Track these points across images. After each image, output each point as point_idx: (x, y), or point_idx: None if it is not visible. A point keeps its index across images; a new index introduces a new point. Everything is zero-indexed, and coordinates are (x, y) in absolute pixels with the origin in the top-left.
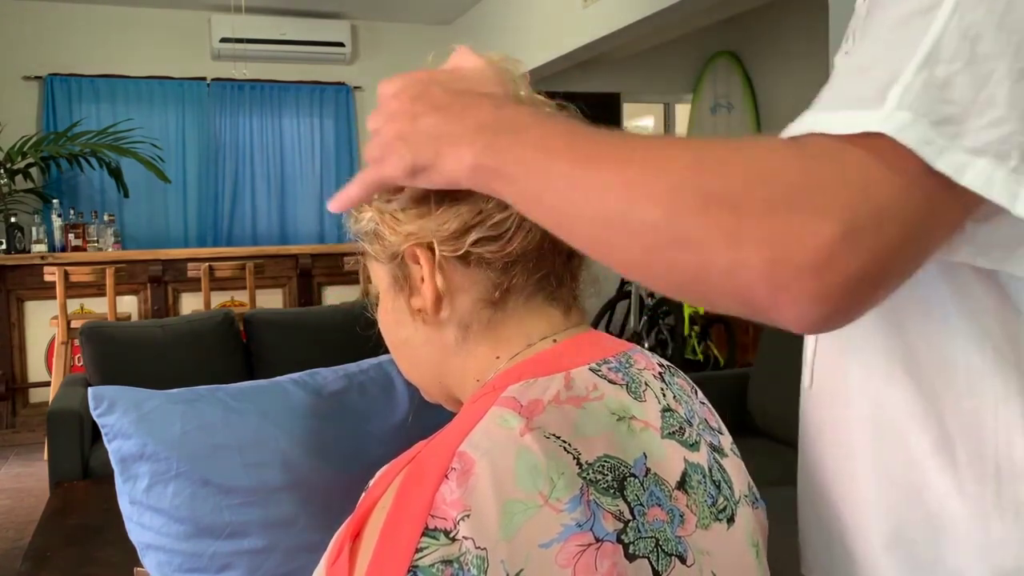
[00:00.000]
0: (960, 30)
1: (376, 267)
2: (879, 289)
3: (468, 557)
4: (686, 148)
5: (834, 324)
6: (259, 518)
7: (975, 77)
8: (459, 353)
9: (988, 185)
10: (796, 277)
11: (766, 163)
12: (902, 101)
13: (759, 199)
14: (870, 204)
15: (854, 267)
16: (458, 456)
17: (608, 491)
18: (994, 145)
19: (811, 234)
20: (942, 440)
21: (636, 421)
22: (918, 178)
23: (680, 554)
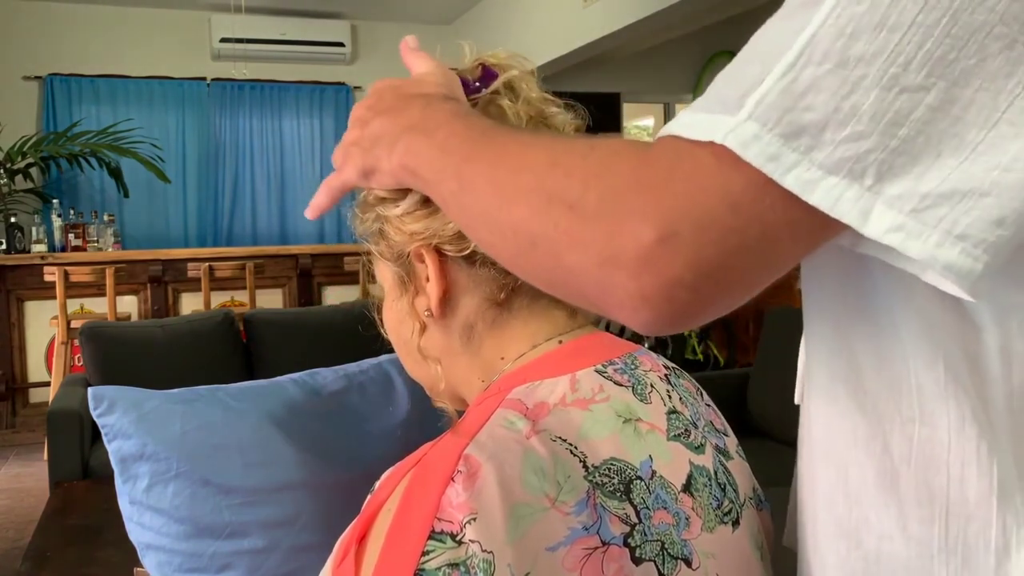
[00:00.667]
0: (837, 27)
1: (381, 265)
2: (705, 297)
3: (475, 560)
4: (548, 148)
5: (664, 328)
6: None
7: (842, 83)
8: (464, 353)
9: (834, 205)
10: (620, 279)
11: (608, 164)
12: (755, 110)
13: (594, 200)
14: (694, 211)
15: (670, 272)
16: (464, 459)
17: (614, 494)
18: (848, 163)
19: (632, 236)
20: (885, 471)
21: (642, 423)
22: (759, 188)
23: (686, 557)
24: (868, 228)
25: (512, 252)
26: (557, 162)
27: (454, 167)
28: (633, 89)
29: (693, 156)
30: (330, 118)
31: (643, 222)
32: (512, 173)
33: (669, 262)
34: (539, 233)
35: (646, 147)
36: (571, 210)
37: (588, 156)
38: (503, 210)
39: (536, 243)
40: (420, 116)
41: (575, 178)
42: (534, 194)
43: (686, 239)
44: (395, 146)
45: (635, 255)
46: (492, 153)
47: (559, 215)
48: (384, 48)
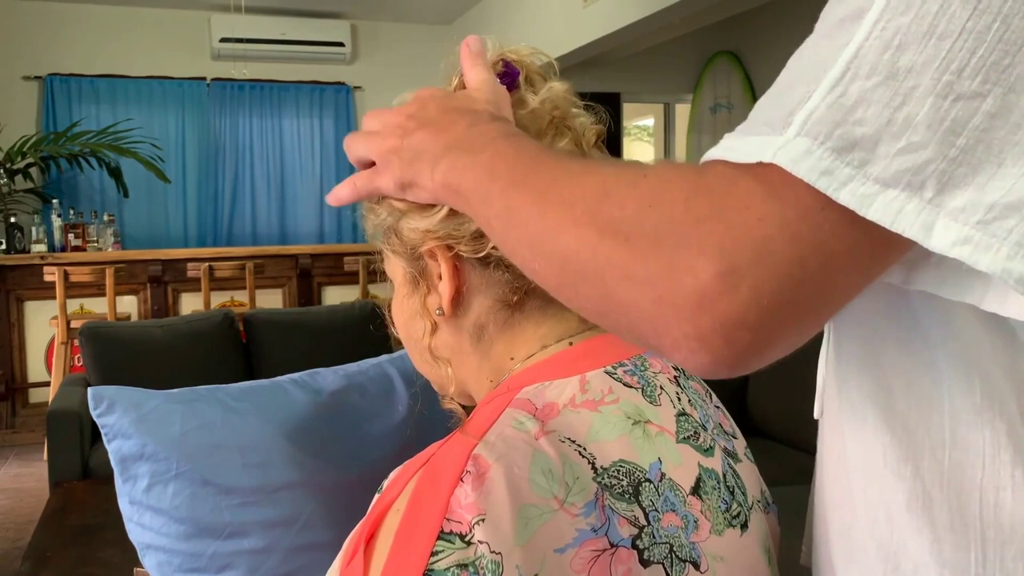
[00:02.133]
0: (883, 40)
1: (392, 261)
2: (767, 337)
3: (483, 561)
4: (599, 176)
5: (721, 372)
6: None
7: (894, 94)
8: (474, 353)
9: (895, 219)
10: (675, 319)
11: (660, 194)
12: (804, 126)
13: (647, 232)
14: (751, 242)
15: (730, 311)
16: (473, 459)
17: (623, 496)
18: (906, 175)
19: (688, 272)
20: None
21: (651, 425)
22: (816, 213)
23: (694, 560)
24: (932, 241)
25: (559, 282)
26: (608, 192)
27: (500, 191)
28: (633, 89)
29: (744, 182)
30: (330, 118)
31: (699, 256)
32: (562, 202)
33: (728, 300)
34: (589, 265)
35: (697, 174)
36: (623, 243)
37: (638, 185)
38: (552, 240)
39: (586, 275)
40: (465, 134)
41: (627, 209)
42: (585, 225)
43: (745, 274)
44: (438, 163)
45: (691, 293)
46: (541, 180)
47: (611, 248)
48: (384, 48)
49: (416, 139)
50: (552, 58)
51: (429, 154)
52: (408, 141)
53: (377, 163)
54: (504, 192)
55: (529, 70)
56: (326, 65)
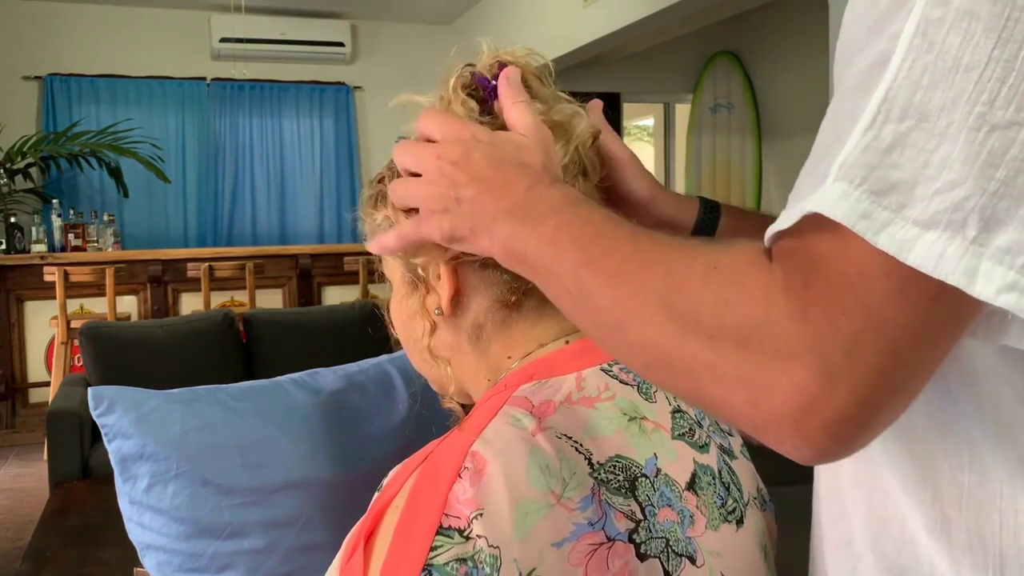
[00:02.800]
0: (911, 80)
1: (391, 262)
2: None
3: (482, 555)
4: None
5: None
6: (259, 518)
7: (928, 134)
8: (472, 353)
9: (936, 264)
10: (776, 422)
11: (734, 291)
12: (840, 171)
13: (731, 334)
14: (839, 339)
15: (832, 412)
16: (471, 455)
17: (619, 491)
18: (945, 214)
19: (782, 374)
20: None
21: (647, 422)
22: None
23: (690, 555)
24: (977, 288)
25: (643, 367)
26: (681, 286)
27: (569, 270)
28: (633, 89)
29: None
30: (330, 118)
31: (790, 359)
32: (636, 292)
33: (828, 402)
34: (676, 359)
35: (765, 260)
36: (708, 341)
37: (710, 280)
38: (632, 330)
39: (673, 368)
40: (525, 199)
41: (705, 307)
42: (665, 320)
43: (841, 373)
44: (497, 228)
45: (789, 397)
46: (610, 263)
47: (695, 346)
48: (384, 48)
49: (469, 196)
50: (548, 60)
51: (486, 216)
52: (460, 196)
53: (422, 210)
54: (573, 272)
55: (524, 71)
56: (326, 65)
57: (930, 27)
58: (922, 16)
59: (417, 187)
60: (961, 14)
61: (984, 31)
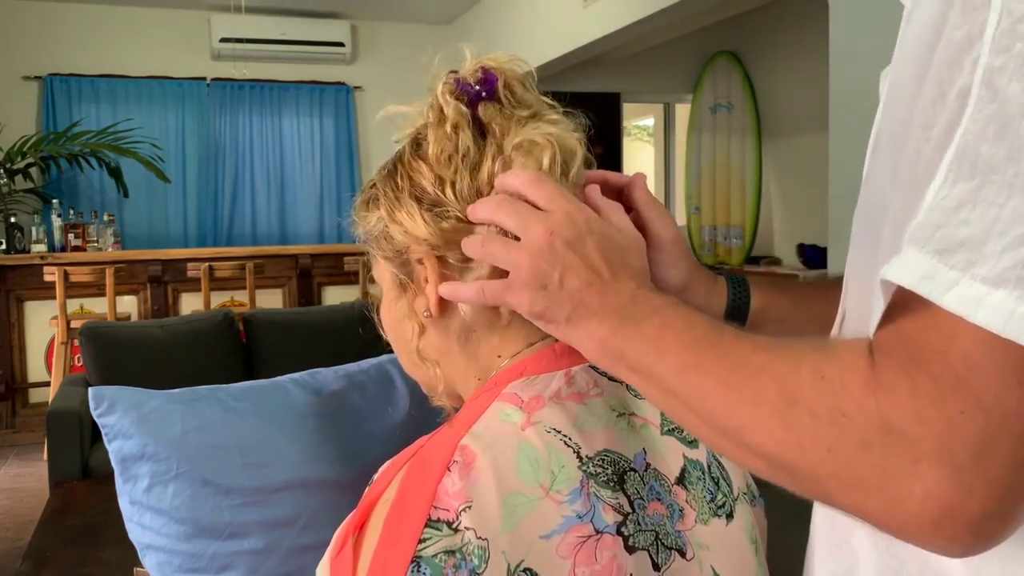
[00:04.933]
0: (977, 132)
1: (381, 265)
2: (1014, 514)
3: (470, 547)
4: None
5: (974, 554)
6: (259, 518)
7: (997, 187)
8: (461, 353)
9: (1006, 322)
10: (916, 526)
11: (845, 402)
12: (911, 236)
13: (853, 444)
14: (964, 441)
15: (972, 513)
16: (460, 449)
17: (608, 484)
18: (1016, 269)
19: (913, 482)
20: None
21: (636, 418)
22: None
23: (680, 548)
24: None
25: (766, 473)
26: (793, 398)
27: (674, 370)
28: (633, 89)
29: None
30: (330, 118)
31: (919, 468)
32: (748, 401)
33: (966, 503)
34: (799, 469)
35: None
36: (828, 455)
37: (820, 389)
38: (748, 438)
39: (797, 476)
40: (631, 300)
41: (820, 419)
42: (782, 431)
43: (972, 474)
44: (593, 324)
45: (924, 504)
46: (719, 369)
47: (817, 458)
48: (384, 48)
49: (573, 285)
50: (532, 67)
51: (587, 310)
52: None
53: (515, 278)
54: (680, 374)
55: (507, 77)
56: (326, 65)
57: (994, 76)
58: (986, 66)
59: (519, 253)
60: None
61: None
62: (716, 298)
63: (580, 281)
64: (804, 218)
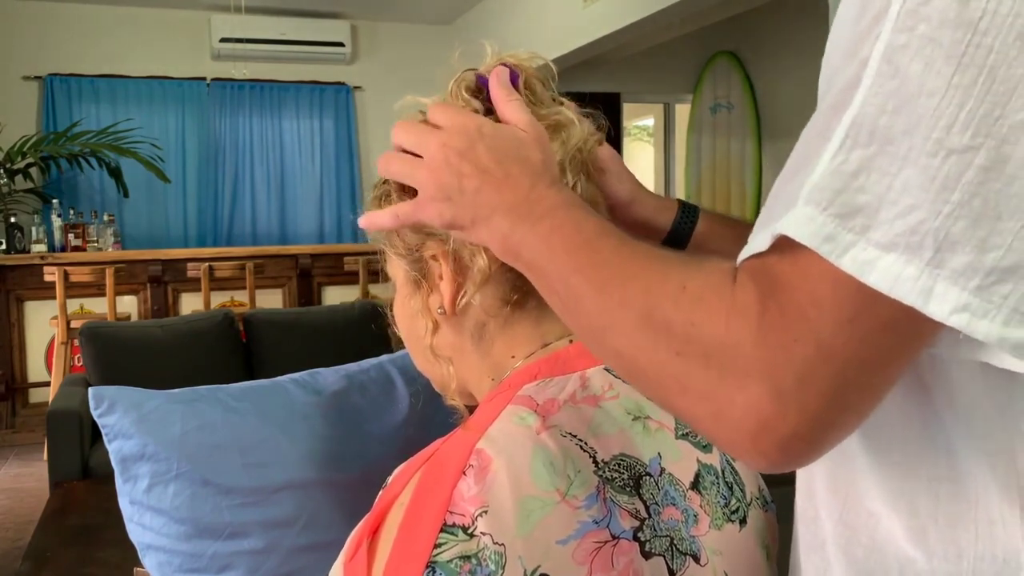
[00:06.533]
0: (877, 106)
1: (394, 261)
2: (821, 441)
3: (486, 553)
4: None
5: (778, 471)
6: (259, 518)
7: (890, 159)
8: (475, 351)
9: (893, 284)
10: (734, 436)
11: (701, 313)
12: (809, 195)
13: (696, 352)
14: (791, 365)
15: (784, 430)
16: (476, 453)
17: (624, 489)
18: (904, 236)
19: (738, 394)
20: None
21: (651, 421)
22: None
23: (694, 553)
24: (931, 308)
25: (623, 373)
26: (656, 304)
27: (558, 272)
28: (633, 89)
29: (776, 301)
30: (330, 118)
31: (746, 381)
32: (617, 305)
33: (781, 420)
34: (648, 370)
35: (729, 282)
36: (676, 358)
37: (679, 301)
38: (611, 338)
39: (646, 377)
40: (525, 197)
41: (675, 326)
42: (640, 334)
43: (792, 396)
44: (495, 222)
45: (744, 415)
46: (596, 273)
47: (665, 360)
48: (384, 48)
49: (472, 188)
50: (549, 60)
51: (487, 209)
52: (464, 187)
53: (422, 195)
54: (563, 276)
55: (527, 74)
56: (326, 65)
57: (895, 53)
58: (888, 42)
59: (419, 170)
60: (924, 40)
61: (945, 58)
62: (663, 216)
63: (476, 184)
64: None
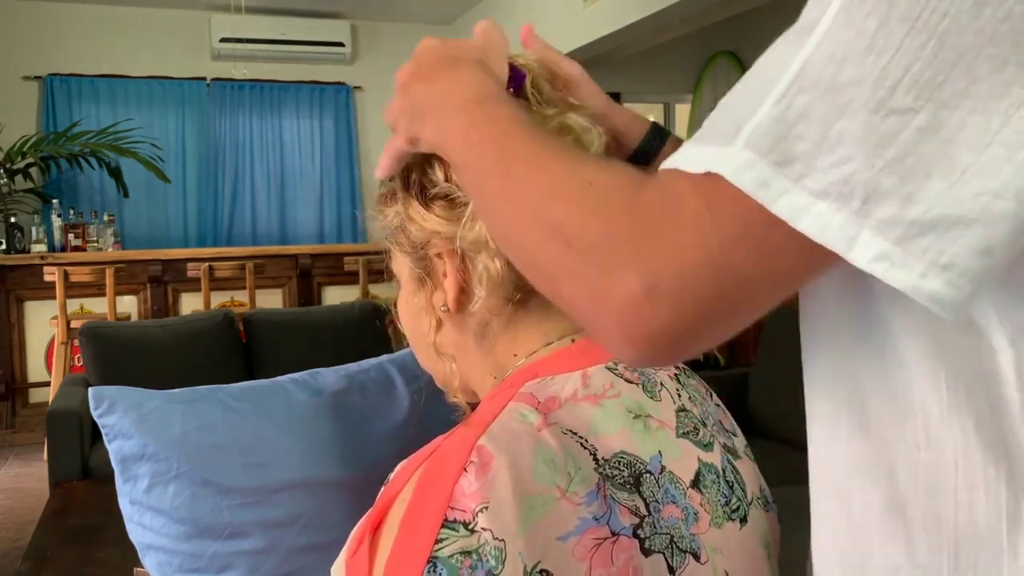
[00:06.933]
0: (827, 54)
1: (399, 259)
2: (686, 343)
3: (487, 548)
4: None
5: (644, 365)
6: (259, 518)
7: (832, 108)
8: (478, 349)
9: (823, 230)
10: (607, 322)
11: (603, 203)
12: (750, 139)
13: (588, 239)
14: (674, 265)
15: (653, 322)
16: (477, 450)
17: (624, 487)
18: (836, 186)
19: (619, 284)
20: (892, 498)
21: (652, 420)
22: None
23: (694, 551)
24: (853, 255)
25: (516, 262)
26: (558, 193)
27: (473, 167)
28: (633, 89)
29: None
30: (330, 118)
31: (628, 272)
32: (520, 191)
33: (652, 313)
34: (539, 258)
35: (641, 186)
36: (567, 246)
37: (586, 191)
38: (510, 226)
39: (536, 265)
40: (447, 92)
41: (572, 215)
42: (538, 223)
43: (667, 293)
44: (427, 120)
45: (620, 303)
46: (505, 164)
47: (556, 248)
48: (384, 48)
49: (414, 94)
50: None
51: (420, 108)
52: (408, 98)
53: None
54: (477, 170)
55: (535, 75)
56: (326, 65)
57: (853, 6)
58: None
59: (390, 105)
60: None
61: (899, 19)
62: (634, 130)
63: (418, 87)
64: None
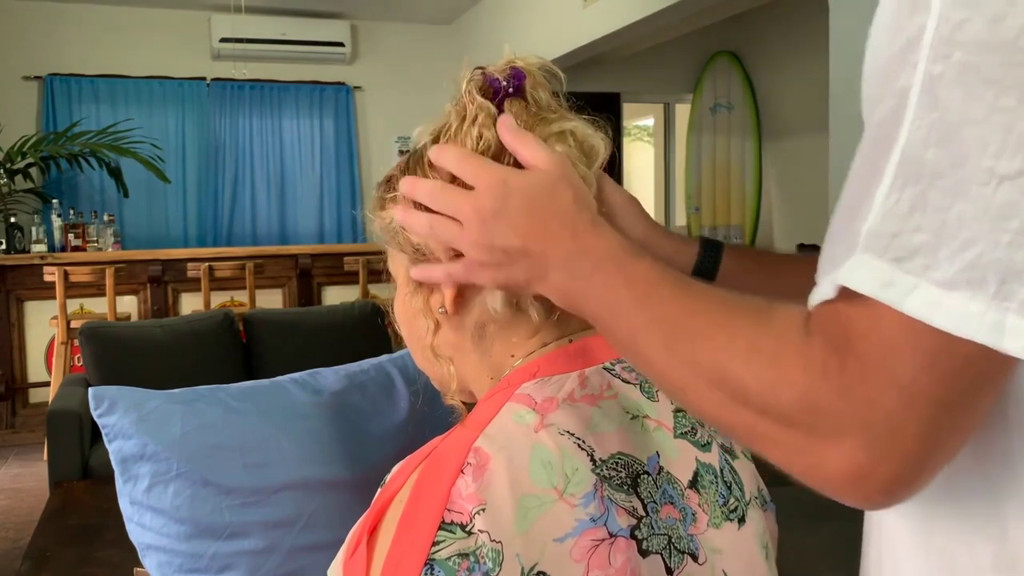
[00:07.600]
0: (921, 139)
1: (397, 259)
2: (922, 479)
3: (484, 550)
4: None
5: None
6: (259, 519)
7: (943, 193)
8: (475, 351)
9: (962, 323)
10: (836, 485)
11: (778, 375)
12: (867, 242)
13: (778, 413)
14: (881, 416)
15: (885, 479)
16: (474, 451)
17: (622, 487)
18: (965, 272)
19: (833, 451)
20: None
21: (649, 420)
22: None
23: (692, 552)
24: (1006, 344)
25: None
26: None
27: (623, 331)
28: (633, 89)
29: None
30: (330, 118)
31: (840, 439)
32: (687, 364)
33: (880, 469)
34: (733, 427)
35: (802, 338)
36: (760, 417)
37: (752, 361)
38: (689, 396)
39: (733, 432)
40: (572, 251)
41: (751, 388)
42: (716, 395)
43: (887, 446)
44: (549, 280)
45: (844, 470)
46: (659, 332)
47: (749, 419)
48: (384, 48)
49: (517, 251)
50: (551, 63)
51: (539, 268)
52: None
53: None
54: (628, 334)
55: (535, 78)
56: (326, 65)
57: (934, 84)
58: (926, 72)
59: (461, 237)
60: (961, 67)
61: (984, 82)
62: (683, 255)
63: (519, 246)
64: (804, 218)
